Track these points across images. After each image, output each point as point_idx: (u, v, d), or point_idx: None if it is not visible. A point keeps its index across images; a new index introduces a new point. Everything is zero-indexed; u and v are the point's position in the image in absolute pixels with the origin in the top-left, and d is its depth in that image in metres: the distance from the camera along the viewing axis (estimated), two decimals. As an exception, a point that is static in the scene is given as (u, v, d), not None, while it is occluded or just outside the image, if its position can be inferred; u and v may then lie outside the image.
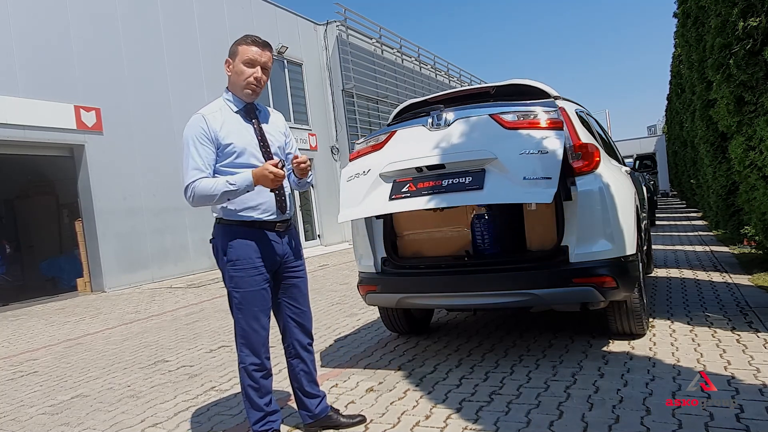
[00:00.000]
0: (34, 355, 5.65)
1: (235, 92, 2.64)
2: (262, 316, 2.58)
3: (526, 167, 3.14)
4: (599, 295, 3.26)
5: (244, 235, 2.55)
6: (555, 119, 3.26)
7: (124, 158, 11.42)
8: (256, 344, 2.57)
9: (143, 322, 6.89)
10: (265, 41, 2.63)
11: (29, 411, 3.77)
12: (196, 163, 2.48)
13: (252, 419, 2.59)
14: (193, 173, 2.48)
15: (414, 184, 3.43)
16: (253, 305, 2.56)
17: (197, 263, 12.79)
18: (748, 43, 4.17)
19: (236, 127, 2.58)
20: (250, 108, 2.66)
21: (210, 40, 13.77)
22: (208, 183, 2.46)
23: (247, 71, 2.56)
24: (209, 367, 4.35)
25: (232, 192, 2.45)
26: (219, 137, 2.52)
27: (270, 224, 2.61)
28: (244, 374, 2.58)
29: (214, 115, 2.57)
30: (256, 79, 2.58)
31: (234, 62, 2.60)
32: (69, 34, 10.66)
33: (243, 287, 2.55)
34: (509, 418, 2.71)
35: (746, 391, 2.71)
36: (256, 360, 2.57)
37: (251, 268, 2.54)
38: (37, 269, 13.23)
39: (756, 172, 4.68)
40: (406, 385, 3.37)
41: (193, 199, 2.49)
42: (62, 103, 10.38)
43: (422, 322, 4.64)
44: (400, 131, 3.73)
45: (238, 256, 2.54)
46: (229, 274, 2.56)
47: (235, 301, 2.58)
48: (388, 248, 3.89)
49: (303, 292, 2.79)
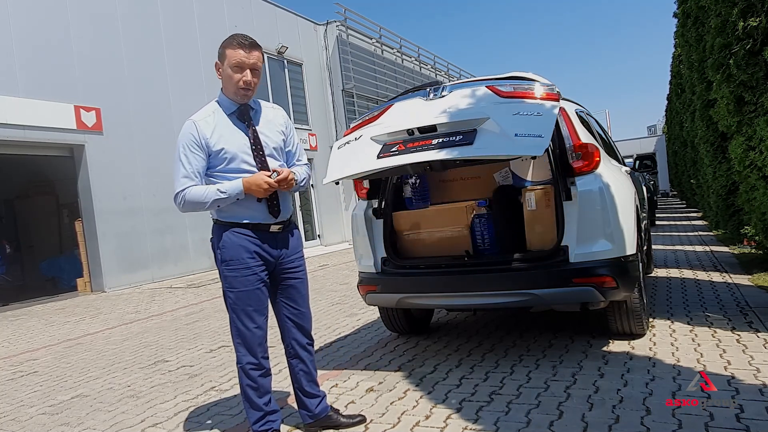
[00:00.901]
0: (34, 355, 5.64)
1: (228, 95, 2.61)
2: (257, 315, 2.58)
3: (518, 125, 3.07)
4: (599, 295, 3.26)
5: (236, 236, 2.55)
6: (551, 93, 3.22)
7: (124, 158, 11.41)
8: (252, 344, 2.57)
9: (143, 322, 6.88)
10: (252, 41, 2.56)
11: (29, 411, 3.76)
12: (186, 171, 2.49)
13: (251, 419, 2.60)
14: (182, 181, 2.49)
15: (404, 144, 3.36)
16: (247, 305, 2.56)
17: (197, 263, 12.79)
18: (748, 43, 4.17)
19: (228, 131, 2.56)
20: (244, 109, 2.62)
21: (210, 39, 13.75)
22: (198, 190, 2.48)
23: (236, 76, 2.53)
24: (209, 367, 4.35)
25: (223, 200, 2.48)
26: (210, 144, 2.51)
27: (263, 226, 2.60)
28: (242, 374, 2.59)
29: (206, 120, 2.55)
30: (246, 82, 2.54)
31: (223, 66, 2.57)
32: (69, 34, 10.65)
33: (236, 287, 2.56)
34: (509, 418, 2.71)
35: (746, 391, 2.71)
36: (253, 359, 2.57)
37: (244, 268, 2.55)
38: (37, 269, 13.22)
39: (756, 172, 4.68)
40: (406, 385, 3.37)
41: (183, 206, 2.53)
42: (62, 103, 10.37)
43: (422, 322, 4.63)
44: (397, 104, 3.73)
45: (231, 257, 2.55)
46: (223, 274, 2.58)
47: (229, 301, 2.59)
48: (388, 248, 3.89)
49: (302, 293, 2.78)
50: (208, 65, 13.49)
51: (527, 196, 3.63)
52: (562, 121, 3.56)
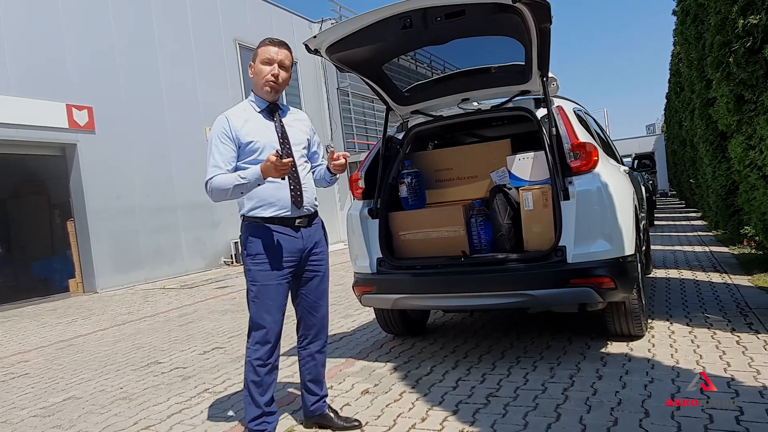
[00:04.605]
0: (26, 356, 5.59)
1: (258, 93, 2.76)
2: (275, 311, 2.65)
3: None
4: (597, 295, 3.24)
5: (263, 231, 2.65)
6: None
7: (116, 157, 11.34)
8: (266, 339, 2.63)
9: (136, 324, 6.83)
10: (282, 40, 2.74)
11: (20, 413, 3.72)
12: (216, 161, 2.62)
13: (249, 415, 2.64)
14: (212, 170, 2.61)
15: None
16: (267, 299, 2.63)
17: (191, 264, 12.74)
18: (748, 40, 4.15)
19: (258, 125, 2.70)
20: (273, 107, 2.77)
21: (204, 38, 13.70)
22: (222, 177, 2.58)
23: (264, 69, 2.69)
24: (203, 368, 4.31)
25: (243, 185, 2.54)
26: (240, 136, 2.64)
27: (289, 220, 2.69)
28: (249, 368, 2.64)
29: (237, 115, 2.69)
30: (273, 75, 2.68)
31: (255, 64, 2.73)
32: (61, 32, 10.57)
33: (259, 281, 2.63)
34: (506, 421, 2.69)
35: (746, 393, 2.69)
36: (263, 355, 2.62)
37: (268, 262, 2.63)
38: (28, 270, 13.17)
39: (756, 172, 4.66)
40: (401, 387, 3.35)
41: (211, 193, 2.63)
42: (54, 101, 10.30)
43: (418, 324, 4.60)
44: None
45: (258, 251, 2.64)
46: (247, 267, 2.67)
47: (251, 294, 2.66)
48: (384, 249, 3.86)
49: (322, 287, 2.86)
50: (201, 64, 13.45)
51: (524, 195, 3.61)
52: (560, 120, 3.55)
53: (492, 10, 3.16)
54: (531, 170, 3.88)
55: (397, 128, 4.43)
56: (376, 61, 3.92)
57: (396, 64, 4.13)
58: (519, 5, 2.98)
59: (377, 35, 3.45)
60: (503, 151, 3.96)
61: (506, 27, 3.39)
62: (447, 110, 4.33)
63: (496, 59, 3.96)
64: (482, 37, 3.76)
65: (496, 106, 4.08)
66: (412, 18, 3.26)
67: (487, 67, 4.01)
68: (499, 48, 3.84)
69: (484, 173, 4.11)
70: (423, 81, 4.29)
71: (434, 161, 4.26)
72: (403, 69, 4.29)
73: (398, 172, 4.09)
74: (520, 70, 3.77)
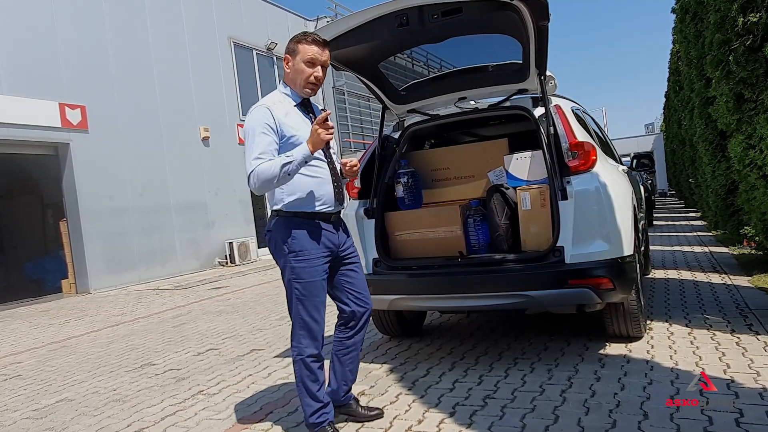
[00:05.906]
0: (18, 358, 5.55)
1: (294, 87, 2.72)
2: (321, 306, 2.66)
3: None
4: (596, 296, 3.21)
5: (304, 227, 2.63)
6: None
7: (110, 157, 11.26)
8: (317, 335, 2.64)
9: (129, 325, 6.78)
10: (325, 40, 2.70)
11: (12, 415, 3.70)
12: (257, 153, 2.54)
13: (308, 411, 2.66)
14: (253, 162, 2.53)
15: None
16: (314, 296, 2.63)
17: (185, 264, 12.67)
18: (748, 39, 4.12)
19: (297, 119, 2.68)
20: (306, 103, 2.77)
21: (198, 35, 13.62)
22: (267, 164, 2.51)
23: (307, 70, 2.64)
24: (197, 370, 4.28)
25: (290, 164, 2.48)
26: (283, 128, 2.60)
27: (327, 216, 2.70)
28: (301, 366, 2.63)
29: (277, 107, 2.64)
30: (317, 78, 2.66)
31: (294, 60, 2.66)
32: (54, 30, 10.49)
33: (305, 278, 2.61)
34: (504, 423, 2.66)
35: (746, 395, 2.67)
36: (315, 351, 2.64)
37: (313, 258, 2.62)
38: (21, 270, 13.09)
39: (756, 171, 4.64)
40: (398, 388, 3.32)
41: (255, 184, 2.52)
42: (47, 100, 10.21)
43: (415, 325, 4.57)
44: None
45: (302, 247, 2.61)
46: (291, 265, 2.61)
47: (296, 293, 2.62)
48: (380, 249, 3.83)
49: (361, 276, 2.87)
50: (195, 62, 13.37)
51: (522, 195, 3.58)
52: (557, 119, 3.52)
53: (489, 7, 3.14)
54: (528, 170, 3.85)
55: (394, 127, 4.39)
56: (372, 60, 3.88)
57: (392, 62, 4.10)
58: (516, 2, 2.95)
59: (373, 33, 3.41)
60: (501, 151, 3.93)
61: (503, 25, 3.37)
62: (444, 109, 4.30)
63: (493, 57, 3.94)
64: (479, 35, 3.74)
65: (493, 105, 4.05)
66: (408, 16, 3.23)
67: (484, 65, 3.99)
68: (496, 46, 3.82)
69: (481, 173, 4.08)
70: (419, 79, 4.26)
71: (431, 161, 4.23)
72: (399, 67, 4.25)
73: (394, 171, 4.07)
74: (518, 68, 3.74)
